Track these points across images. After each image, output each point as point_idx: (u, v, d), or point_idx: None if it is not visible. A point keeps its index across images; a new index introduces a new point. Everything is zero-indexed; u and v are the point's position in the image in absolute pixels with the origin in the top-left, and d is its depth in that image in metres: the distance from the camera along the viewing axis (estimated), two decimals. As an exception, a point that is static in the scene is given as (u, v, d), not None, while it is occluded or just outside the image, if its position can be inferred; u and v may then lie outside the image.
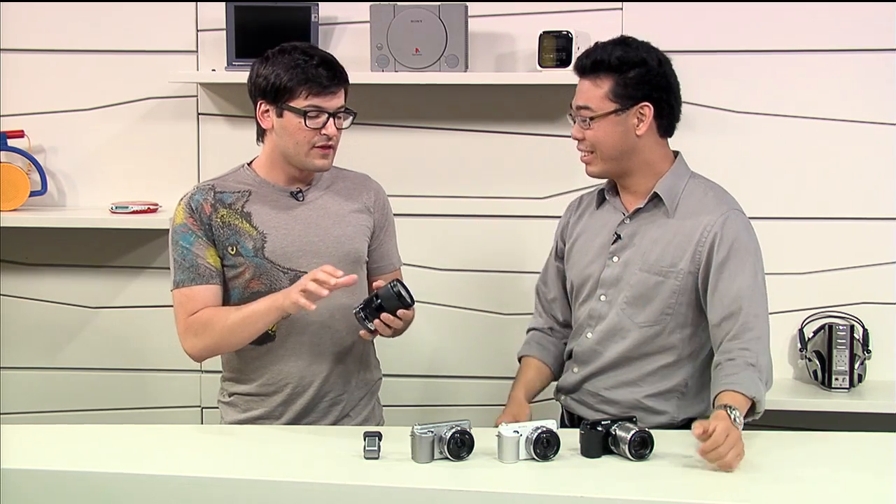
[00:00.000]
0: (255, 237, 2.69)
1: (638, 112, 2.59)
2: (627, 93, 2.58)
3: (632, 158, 2.62)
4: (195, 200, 2.70)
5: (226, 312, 2.66)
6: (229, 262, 2.70)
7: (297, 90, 2.62)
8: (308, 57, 2.64)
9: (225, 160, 2.99)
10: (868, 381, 3.44)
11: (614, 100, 2.58)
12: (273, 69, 2.64)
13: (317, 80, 2.62)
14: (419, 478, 2.26)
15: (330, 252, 2.72)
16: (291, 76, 2.62)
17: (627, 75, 2.57)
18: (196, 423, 3.66)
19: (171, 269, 2.71)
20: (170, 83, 3.54)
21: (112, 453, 2.44)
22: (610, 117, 2.58)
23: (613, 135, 2.59)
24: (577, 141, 2.65)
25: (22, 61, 3.60)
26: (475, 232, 3.59)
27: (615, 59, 2.57)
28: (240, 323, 2.63)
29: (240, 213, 2.70)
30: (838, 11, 3.40)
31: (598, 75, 2.59)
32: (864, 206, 3.45)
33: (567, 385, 2.78)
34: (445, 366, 3.66)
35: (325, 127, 2.64)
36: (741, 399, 2.41)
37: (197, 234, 2.69)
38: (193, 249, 2.68)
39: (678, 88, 2.66)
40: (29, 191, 3.56)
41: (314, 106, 2.63)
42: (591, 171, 2.67)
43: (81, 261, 3.68)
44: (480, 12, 3.47)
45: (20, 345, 3.71)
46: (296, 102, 2.63)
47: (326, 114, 2.64)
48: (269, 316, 2.62)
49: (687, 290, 2.60)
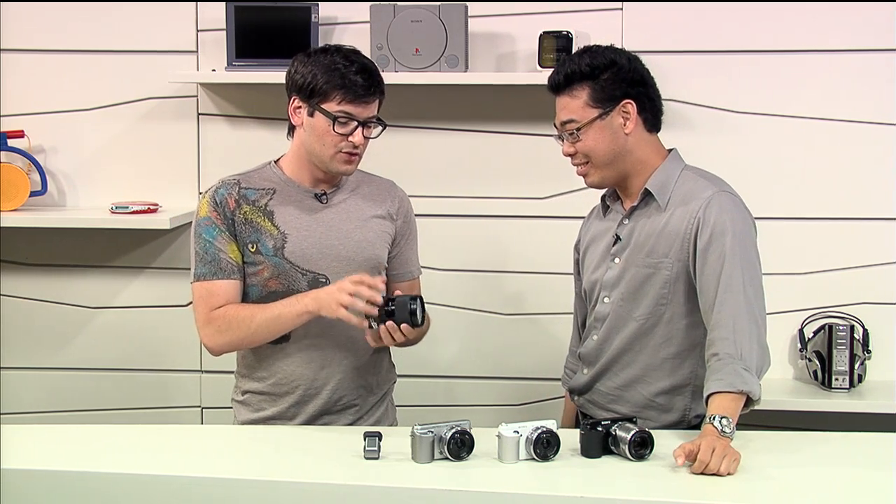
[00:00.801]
0: (275, 236, 2.68)
1: (621, 111, 2.59)
2: (606, 95, 2.58)
3: (626, 160, 2.62)
4: (220, 194, 2.69)
5: (251, 311, 2.63)
6: (249, 260, 2.68)
7: (331, 93, 2.60)
8: (348, 62, 2.61)
9: (225, 160, 3.01)
10: (868, 381, 3.44)
11: (595, 105, 2.58)
12: (311, 68, 2.62)
13: (352, 88, 2.59)
14: (419, 478, 2.26)
15: (350, 257, 2.70)
16: (328, 79, 2.60)
17: (601, 78, 2.58)
18: (196, 423, 3.66)
19: (192, 262, 2.69)
20: (170, 83, 3.54)
21: (112, 453, 2.44)
22: (596, 123, 2.59)
23: (603, 140, 2.60)
24: (571, 157, 2.64)
25: (22, 61, 3.61)
26: (475, 232, 3.59)
27: (585, 66, 2.58)
28: (266, 324, 2.62)
29: (263, 212, 2.69)
30: (838, 11, 3.40)
31: (572, 87, 2.59)
32: (864, 206, 3.45)
33: (578, 386, 2.78)
34: (445, 366, 3.66)
35: (353, 134, 2.62)
36: (729, 398, 2.39)
37: (220, 228, 2.67)
38: (216, 243, 2.66)
39: (653, 82, 2.66)
40: (29, 191, 3.56)
41: (345, 112, 2.61)
42: (590, 181, 2.66)
43: (81, 261, 3.68)
44: (480, 12, 3.47)
45: (20, 345, 3.71)
46: (328, 105, 2.61)
47: (357, 122, 2.62)
48: (299, 320, 2.60)
49: (680, 280, 2.58)
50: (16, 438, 2.47)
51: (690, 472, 2.26)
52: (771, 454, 2.39)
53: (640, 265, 2.62)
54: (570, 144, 2.62)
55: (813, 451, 2.46)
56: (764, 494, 2.22)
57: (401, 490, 2.23)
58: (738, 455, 2.28)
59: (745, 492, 2.21)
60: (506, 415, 3.26)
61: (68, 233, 3.62)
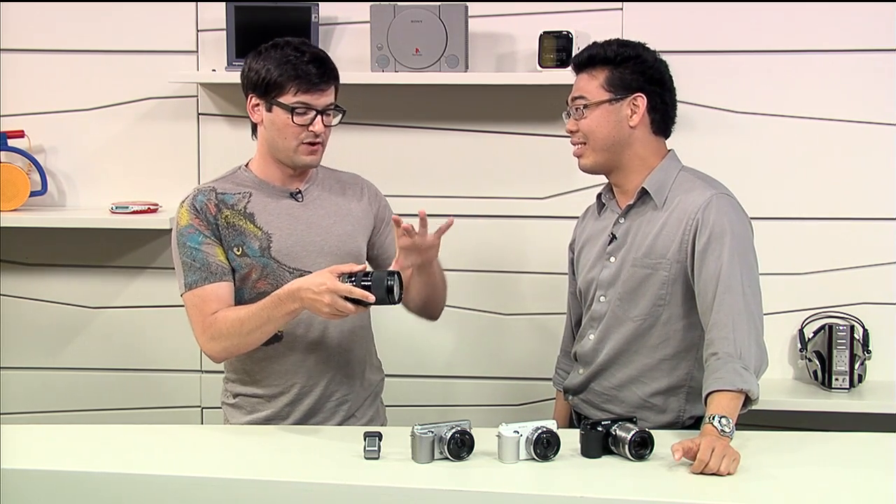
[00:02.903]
0: (260, 237, 2.69)
1: (631, 103, 2.61)
2: (622, 83, 2.61)
3: (624, 151, 2.63)
4: (199, 201, 2.70)
5: (240, 316, 2.60)
6: (235, 264, 2.69)
7: (286, 86, 2.63)
8: (299, 53, 2.64)
9: (225, 160, 3.00)
10: (868, 381, 3.44)
11: (609, 89, 2.62)
12: (264, 64, 2.65)
13: (306, 77, 2.62)
14: (419, 478, 2.26)
15: (333, 251, 2.72)
16: (281, 72, 2.62)
17: (622, 66, 2.62)
18: (196, 423, 3.66)
19: (180, 274, 2.67)
20: (170, 83, 3.54)
21: (112, 453, 2.44)
22: (603, 106, 2.61)
23: (606, 124, 2.62)
24: (571, 134, 2.67)
25: (22, 61, 3.60)
26: (475, 232, 3.59)
27: (611, 52, 2.63)
28: (258, 329, 2.58)
29: (243, 214, 2.70)
30: (838, 11, 3.40)
31: (593, 67, 2.64)
32: (864, 206, 3.45)
33: (573, 386, 2.79)
34: (445, 366, 3.66)
35: (312, 124, 2.65)
36: (729, 397, 2.39)
37: (204, 233, 2.67)
38: (203, 248, 2.66)
39: (673, 89, 2.68)
40: (29, 191, 3.56)
41: (302, 103, 2.63)
42: (583, 163, 2.68)
43: (81, 261, 3.68)
44: (480, 12, 3.47)
45: (20, 345, 3.71)
46: (284, 98, 2.63)
47: (315, 111, 2.64)
48: (290, 317, 2.57)
49: (678, 281, 2.59)
50: (16, 438, 2.48)
51: (690, 471, 2.26)
52: (771, 454, 2.39)
53: (638, 265, 2.62)
54: (573, 121, 2.66)
55: (813, 451, 2.46)
56: (764, 494, 2.22)
57: (401, 490, 2.23)
58: (738, 455, 2.28)
59: (745, 492, 2.21)
60: (505, 415, 3.26)
61: (68, 233, 3.62)
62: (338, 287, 2.44)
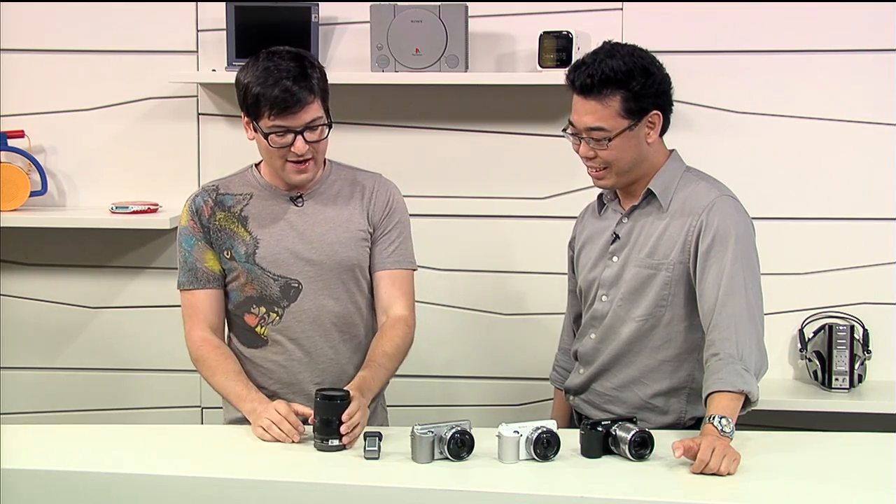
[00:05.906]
0: (247, 242, 2.69)
1: (647, 122, 2.57)
2: (638, 106, 2.54)
3: (642, 165, 2.61)
4: (197, 203, 2.71)
5: (215, 371, 2.67)
6: (226, 266, 2.70)
7: (261, 111, 2.56)
8: (277, 71, 2.53)
9: (225, 160, 3.00)
10: (868, 381, 3.44)
11: (626, 116, 2.54)
12: (247, 82, 2.57)
13: (276, 103, 2.53)
14: (419, 478, 2.26)
15: (322, 261, 2.69)
16: (255, 97, 2.55)
17: (634, 88, 2.53)
18: (196, 423, 3.66)
19: (178, 268, 2.74)
20: (170, 83, 3.54)
21: (112, 453, 2.43)
22: (625, 133, 2.56)
23: (629, 150, 2.57)
24: (587, 160, 2.60)
25: (22, 61, 3.60)
26: (475, 232, 3.59)
27: (620, 73, 2.52)
28: (222, 392, 2.67)
29: (237, 218, 2.70)
30: (839, 12, 3.40)
31: (603, 93, 2.53)
32: (864, 206, 3.45)
33: (574, 386, 2.78)
34: (445, 366, 3.66)
35: (293, 145, 2.58)
36: (729, 398, 2.39)
37: (196, 237, 2.70)
38: (193, 253, 2.70)
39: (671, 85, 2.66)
40: (29, 191, 3.56)
41: (278, 126, 2.56)
42: (604, 184, 2.65)
43: (81, 261, 3.68)
44: (480, 12, 3.47)
45: (20, 345, 3.71)
46: (262, 123, 2.57)
47: (294, 132, 2.57)
48: (240, 407, 2.61)
49: (680, 282, 2.59)
50: (16, 438, 2.48)
51: (690, 471, 2.26)
52: (771, 454, 2.40)
53: (641, 265, 2.62)
54: (591, 150, 2.58)
55: (813, 451, 2.46)
56: (764, 494, 2.22)
57: (401, 490, 2.23)
58: (738, 455, 2.28)
59: (745, 492, 2.21)
60: (505, 415, 3.25)
61: (68, 233, 3.62)
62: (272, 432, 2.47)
